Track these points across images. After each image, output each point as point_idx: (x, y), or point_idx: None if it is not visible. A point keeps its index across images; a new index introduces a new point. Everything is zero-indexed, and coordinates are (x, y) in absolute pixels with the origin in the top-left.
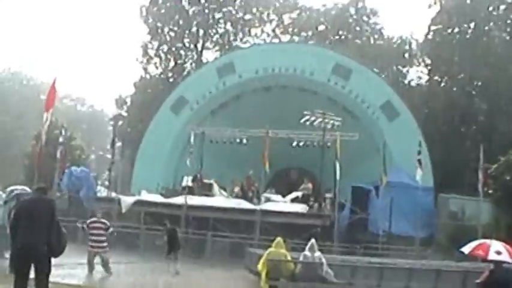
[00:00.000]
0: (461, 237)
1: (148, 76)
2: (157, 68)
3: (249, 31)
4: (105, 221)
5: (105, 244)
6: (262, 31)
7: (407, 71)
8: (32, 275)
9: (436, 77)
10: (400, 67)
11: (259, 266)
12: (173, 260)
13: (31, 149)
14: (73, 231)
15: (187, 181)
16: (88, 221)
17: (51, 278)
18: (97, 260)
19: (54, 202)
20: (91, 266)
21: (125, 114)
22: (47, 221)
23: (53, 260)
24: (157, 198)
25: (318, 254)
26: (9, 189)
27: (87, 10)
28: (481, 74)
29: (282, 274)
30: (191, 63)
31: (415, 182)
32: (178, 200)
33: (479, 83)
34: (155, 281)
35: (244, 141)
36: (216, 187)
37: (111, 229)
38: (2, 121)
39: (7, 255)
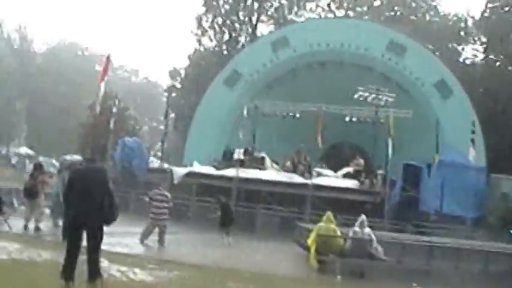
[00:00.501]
0: None
1: (202, 49)
2: (211, 40)
3: (304, 5)
4: (167, 194)
5: (165, 217)
6: (317, 5)
7: (463, 49)
8: (84, 242)
9: (491, 56)
10: (455, 45)
11: (309, 241)
12: (226, 233)
13: (85, 119)
14: (124, 201)
15: (239, 154)
16: (151, 193)
17: (102, 246)
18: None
19: (107, 171)
20: (145, 236)
21: (178, 86)
22: (99, 190)
23: (105, 229)
24: (209, 170)
25: (367, 230)
26: (62, 158)
27: None
28: None
29: (331, 249)
30: (245, 37)
31: (468, 161)
32: (230, 172)
33: None
34: (205, 252)
35: (297, 115)
36: (268, 160)
37: (171, 203)
38: (59, 92)
39: (61, 223)
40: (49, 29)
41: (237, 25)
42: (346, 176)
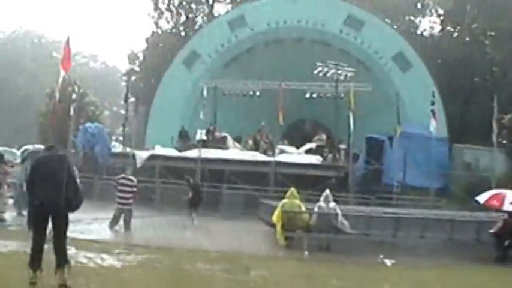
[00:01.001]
0: (475, 188)
1: (159, 31)
2: (168, 22)
3: None
4: (132, 178)
5: (129, 201)
6: None
7: (420, 22)
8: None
9: (448, 28)
10: (412, 18)
11: (274, 218)
12: (195, 213)
13: (45, 107)
14: (88, 188)
15: (201, 134)
16: (117, 177)
17: (69, 234)
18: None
19: (68, 158)
20: (114, 221)
21: (137, 69)
22: (62, 177)
23: (70, 216)
24: (172, 152)
25: (332, 204)
26: (23, 148)
27: None
28: (495, 24)
29: (297, 225)
30: (202, 17)
31: (429, 132)
32: (193, 153)
33: (493, 33)
34: (172, 234)
35: (258, 93)
36: (230, 140)
37: (135, 189)
38: (16, 81)
39: (25, 212)
40: (3, 17)
41: (193, 6)
42: (309, 152)
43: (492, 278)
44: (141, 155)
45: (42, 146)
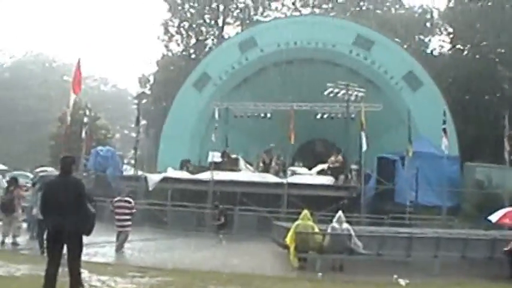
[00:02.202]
0: (488, 206)
1: (170, 54)
2: (178, 45)
3: (269, 5)
4: (130, 200)
5: (126, 223)
6: (283, 4)
7: (429, 41)
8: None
9: (458, 46)
10: (422, 37)
11: (288, 239)
12: (222, 235)
13: (56, 130)
14: (100, 211)
15: (213, 157)
16: (114, 200)
17: (82, 257)
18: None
19: (81, 182)
20: (120, 246)
21: (148, 92)
22: (75, 201)
23: (84, 239)
24: (184, 175)
25: (345, 225)
26: (35, 171)
27: None
28: (504, 42)
29: (310, 247)
30: (212, 39)
31: (441, 151)
32: (205, 175)
33: (502, 51)
34: (185, 256)
35: (269, 115)
36: (242, 162)
37: (134, 210)
38: (27, 104)
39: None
40: (14, 41)
41: (203, 28)
42: (321, 172)
43: None
44: (153, 178)
45: (54, 170)
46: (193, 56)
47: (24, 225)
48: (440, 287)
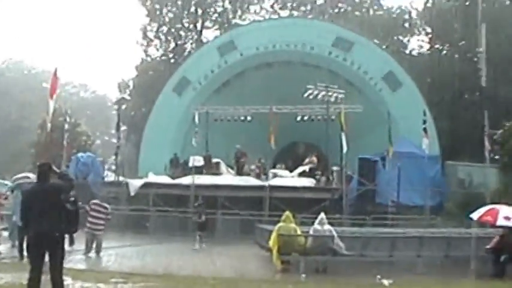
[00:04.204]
0: (470, 205)
1: (149, 58)
2: (157, 50)
3: (248, 8)
4: (106, 205)
5: (99, 227)
6: (261, 7)
7: (408, 41)
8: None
9: (437, 45)
10: (400, 37)
11: (271, 242)
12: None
13: (37, 137)
14: (81, 218)
15: (194, 161)
16: (91, 202)
17: (64, 264)
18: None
19: (59, 186)
20: (88, 249)
21: (128, 97)
22: (54, 208)
23: (66, 247)
24: (165, 180)
25: (327, 227)
26: (16, 176)
27: None
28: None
29: (293, 249)
30: (191, 44)
31: (422, 151)
32: (186, 180)
33: (481, 49)
34: (168, 261)
35: (249, 118)
36: (223, 165)
37: (109, 216)
38: (6, 112)
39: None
40: None
41: (182, 33)
42: (302, 174)
43: None
44: (135, 184)
45: (30, 175)
46: (172, 60)
47: (5, 233)
48: (424, 286)
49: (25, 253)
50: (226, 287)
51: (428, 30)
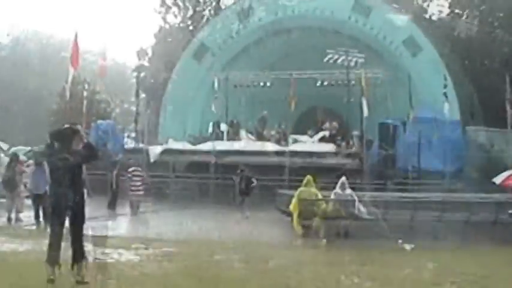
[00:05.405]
0: (491, 170)
1: (167, 26)
2: (176, 17)
3: None
4: (143, 172)
5: (141, 191)
6: None
7: (428, 6)
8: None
9: (457, 10)
10: (420, 2)
11: (291, 207)
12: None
13: (56, 106)
14: (103, 185)
15: (213, 126)
16: (130, 170)
17: (85, 231)
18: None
19: (85, 155)
20: (134, 211)
21: (147, 65)
22: (77, 174)
23: (86, 213)
24: (185, 146)
25: (349, 191)
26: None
27: None
28: (503, 5)
29: (314, 213)
30: (210, 10)
31: (442, 116)
32: (206, 146)
33: (501, 14)
34: (188, 227)
35: (268, 84)
36: (243, 131)
37: (147, 181)
38: (25, 81)
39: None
40: (11, 19)
41: None
42: (323, 140)
43: (511, 258)
44: (154, 150)
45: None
46: (191, 27)
47: (28, 201)
48: (445, 251)
49: (41, 219)
50: (246, 251)
51: None
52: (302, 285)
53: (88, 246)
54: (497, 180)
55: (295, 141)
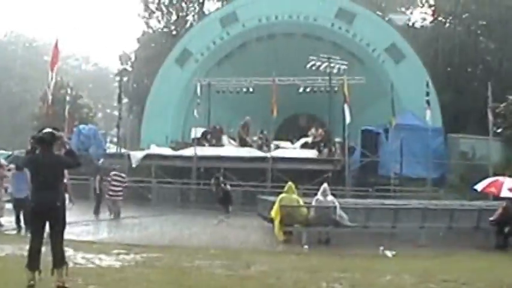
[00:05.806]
0: (472, 177)
1: (151, 31)
2: (159, 22)
3: None
4: (124, 175)
5: (120, 194)
6: None
7: (411, 13)
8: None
9: (440, 18)
10: (403, 9)
11: (273, 213)
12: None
13: (39, 110)
14: (85, 190)
15: (196, 133)
16: (111, 174)
17: (66, 236)
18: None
19: (65, 161)
20: (113, 213)
21: (129, 69)
22: (58, 178)
23: (67, 218)
24: (167, 151)
25: (330, 198)
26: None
27: None
28: (486, 13)
29: (295, 220)
30: (193, 15)
31: (424, 123)
32: (188, 151)
33: (484, 22)
34: (170, 233)
35: (251, 90)
36: (225, 137)
37: (126, 184)
38: (8, 85)
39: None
40: None
41: (184, 4)
42: (305, 146)
43: (492, 265)
44: (136, 155)
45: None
46: (174, 32)
47: (8, 205)
48: (427, 258)
49: (22, 224)
50: (228, 257)
51: (432, 2)
52: None
53: (69, 251)
54: (479, 187)
55: (278, 147)
